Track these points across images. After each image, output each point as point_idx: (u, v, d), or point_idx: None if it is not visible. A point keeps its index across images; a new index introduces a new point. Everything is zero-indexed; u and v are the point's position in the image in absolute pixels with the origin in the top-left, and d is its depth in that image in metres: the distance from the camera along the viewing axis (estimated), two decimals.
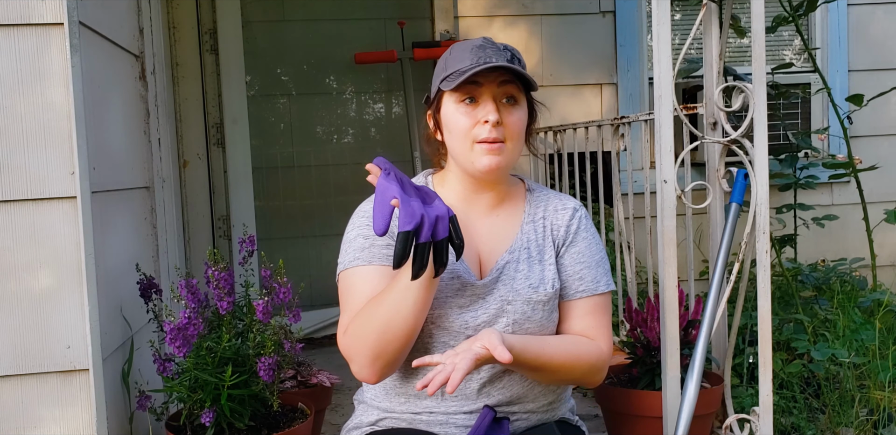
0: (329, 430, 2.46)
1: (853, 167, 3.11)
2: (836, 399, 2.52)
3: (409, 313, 1.31)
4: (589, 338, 1.47)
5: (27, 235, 1.60)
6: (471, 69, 1.38)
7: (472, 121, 1.41)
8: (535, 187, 1.58)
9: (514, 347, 1.31)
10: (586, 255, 1.51)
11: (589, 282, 1.49)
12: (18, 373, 1.62)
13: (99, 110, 1.82)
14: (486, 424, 1.39)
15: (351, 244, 1.46)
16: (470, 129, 1.42)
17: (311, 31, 3.74)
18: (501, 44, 1.45)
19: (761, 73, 1.90)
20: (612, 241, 3.24)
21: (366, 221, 1.46)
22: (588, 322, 1.49)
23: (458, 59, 1.42)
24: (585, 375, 1.47)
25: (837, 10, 3.89)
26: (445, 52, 1.48)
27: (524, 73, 1.40)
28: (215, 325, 1.91)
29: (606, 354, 1.48)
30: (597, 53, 3.75)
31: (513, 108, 1.43)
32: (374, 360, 1.34)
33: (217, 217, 3.59)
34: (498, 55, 1.41)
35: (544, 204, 1.54)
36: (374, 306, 1.34)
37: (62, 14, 1.59)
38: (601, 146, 2.82)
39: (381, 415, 1.48)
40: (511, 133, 1.43)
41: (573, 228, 1.52)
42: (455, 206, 1.49)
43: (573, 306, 1.49)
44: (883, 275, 3.72)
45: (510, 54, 1.43)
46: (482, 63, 1.38)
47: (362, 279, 1.42)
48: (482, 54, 1.40)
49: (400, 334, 1.32)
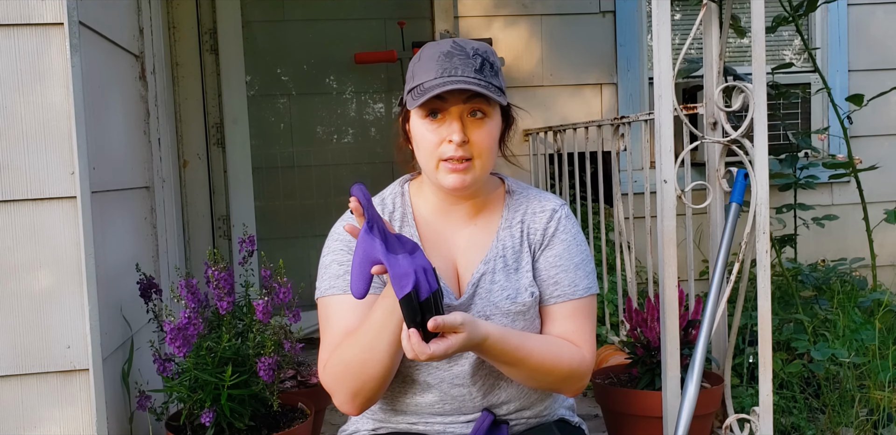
0: (329, 430, 2.46)
1: (853, 167, 3.11)
2: (836, 399, 2.52)
3: (384, 355, 1.28)
4: (571, 343, 1.41)
5: (27, 235, 1.60)
6: (432, 88, 1.30)
7: (437, 138, 1.35)
8: (516, 188, 1.51)
9: (490, 335, 1.26)
10: (563, 258, 1.44)
11: (565, 286, 1.43)
12: (18, 373, 1.61)
13: (99, 110, 1.82)
14: (485, 427, 1.38)
15: (326, 270, 1.42)
16: (436, 147, 1.35)
17: (311, 31, 3.74)
18: (472, 46, 1.36)
19: (761, 73, 1.90)
20: (612, 241, 3.24)
21: (340, 246, 1.42)
22: (567, 326, 1.42)
23: (424, 69, 1.34)
24: (565, 380, 1.39)
25: (837, 10, 3.89)
26: (416, 54, 1.40)
27: (487, 93, 1.31)
28: (215, 325, 1.91)
29: (589, 361, 1.41)
30: (597, 53, 3.75)
31: (481, 121, 1.36)
32: (353, 397, 1.33)
33: (217, 217, 3.59)
34: (465, 65, 1.32)
35: (524, 207, 1.48)
36: (349, 346, 1.31)
37: (62, 14, 1.59)
38: (601, 146, 2.82)
39: (377, 425, 1.48)
40: (479, 149, 1.35)
41: (550, 231, 1.45)
42: (431, 219, 1.46)
43: (550, 311, 1.43)
44: (883, 275, 3.72)
45: (480, 61, 1.33)
46: (447, 76, 1.31)
47: (339, 309, 1.38)
48: (448, 66, 1.32)
49: (376, 374, 1.30)
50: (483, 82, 1.32)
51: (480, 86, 1.31)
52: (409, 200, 1.48)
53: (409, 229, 1.45)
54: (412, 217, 1.47)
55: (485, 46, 1.37)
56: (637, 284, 2.74)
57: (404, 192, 1.50)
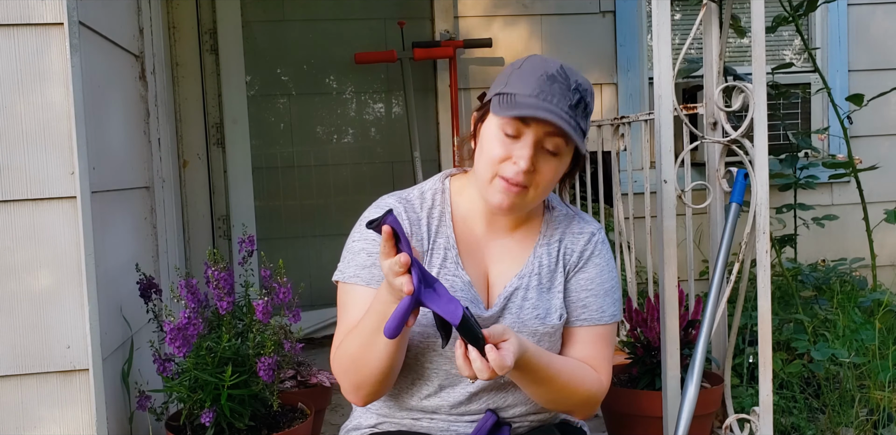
0: (329, 430, 2.46)
1: (853, 167, 3.11)
2: (836, 399, 2.52)
3: (381, 355, 1.27)
4: (591, 368, 1.41)
5: (27, 235, 1.60)
6: (524, 106, 1.26)
7: (504, 153, 1.30)
8: (557, 205, 1.48)
9: (529, 347, 1.25)
10: (595, 282, 1.42)
11: (593, 311, 1.42)
12: (18, 373, 1.61)
13: (99, 110, 1.82)
14: (488, 428, 1.38)
15: (355, 256, 1.39)
16: (499, 161, 1.30)
17: (311, 31, 3.74)
18: (577, 80, 1.30)
19: (761, 73, 1.90)
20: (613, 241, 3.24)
21: (372, 236, 1.37)
22: (589, 351, 1.41)
23: (521, 80, 1.30)
24: (582, 404, 1.39)
25: (837, 10, 3.89)
26: (522, 59, 1.35)
27: (573, 136, 1.27)
28: (215, 325, 1.91)
29: (605, 387, 1.41)
30: (597, 53, 3.75)
31: (552, 157, 1.32)
32: (356, 388, 1.33)
33: (217, 217, 3.59)
34: (563, 96, 1.28)
35: (563, 226, 1.45)
36: (352, 340, 1.30)
37: (62, 14, 1.59)
38: (601, 146, 2.82)
39: (380, 419, 1.47)
40: (539, 182, 1.32)
41: (587, 254, 1.43)
42: (470, 222, 1.42)
43: (573, 333, 1.42)
44: (883, 275, 3.72)
45: (578, 98, 1.29)
46: (542, 100, 1.27)
47: (361, 300, 1.36)
48: (546, 90, 1.28)
49: (375, 370, 1.29)
50: (573, 121, 1.29)
51: (570, 125, 1.28)
52: (448, 199, 1.44)
53: (445, 229, 1.41)
54: (450, 217, 1.42)
55: (587, 84, 1.34)
56: (637, 284, 2.75)
57: (445, 188, 1.45)
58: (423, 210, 1.42)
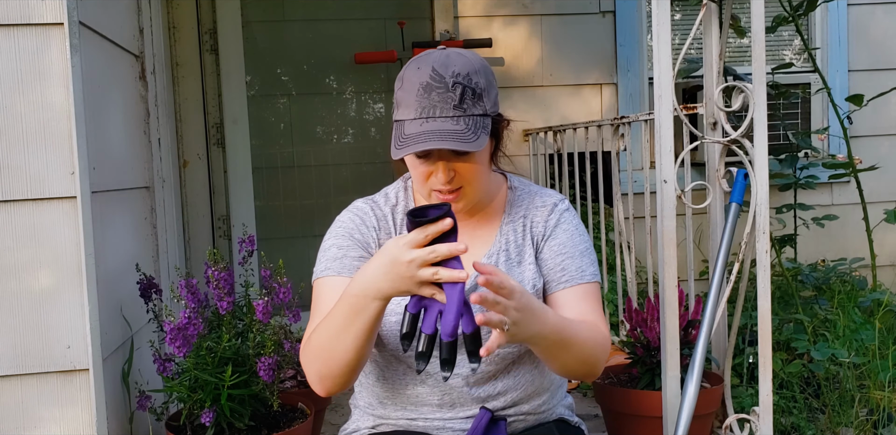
0: (329, 430, 2.46)
1: (853, 167, 3.11)
2: (836, 399, 2.52)
3: (349, 346, 1.27)
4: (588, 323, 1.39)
5: (27, 235, 1.60)
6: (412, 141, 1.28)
7: (425, 170, 1.36)
8: (518, 184, 1.53)
9: (543, 306, 1.25)
10: (568, 245, 1.45)
11: (573, 271, 1.43)
12: (18, 373, 1.62)
13: (99, 110, 1.82)
14: (483, 425, 1.39)
15: (325, 253, 1.45)
16: (425, 178, 1.37)
17: (311, 31, 3.74)
18: (453, 71, 1.30)
19: (761, 73, 1.90)
20: (612, 241, 3.24)
21: (342, 232, 1.45)
22: (583, 307, 1.41)
23: (404, 100, 1.32)
24: (597, 361, 1.36)
25: (837, 10, 3.88)
26: (402, 71, 1.35)
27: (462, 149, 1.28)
28: (215, 325, 1.91)
29: (609, 338, 1.41)
30: (597, 53, 3.75)
31: (467, 156, 1.35)
32: (321, 379, 1.33)
33: (217, 217, 3.59)
34: (444, 100, 1.28)
35: (526, 202, 1.50)
36: (321, 331, 1.31)
37: (62, 14, 1.59)
38: (601, 146, 2.82)
39: (377, 421, 1.48)
40: (469, 178, 1.37)
41: (552, 223, 1.47)
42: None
43: (560, 297, 1.43)
44: (883, 275, 3.72)
45: (460, 90, 1.29)
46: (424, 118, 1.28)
47: (330, 289, 1.39)
48: (426, 104, 1.29)
49: (342, 362, 1.29)
50: (462, 122, 1.29)
51: (457, 133, 1.28)
52: (411, 195, 1.52)
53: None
54: None
55: (467, 66, 1.31)
56: (637, 284, 2.74)
57: (407, 186, 1.54)
58: (387, 207, 1.50)
